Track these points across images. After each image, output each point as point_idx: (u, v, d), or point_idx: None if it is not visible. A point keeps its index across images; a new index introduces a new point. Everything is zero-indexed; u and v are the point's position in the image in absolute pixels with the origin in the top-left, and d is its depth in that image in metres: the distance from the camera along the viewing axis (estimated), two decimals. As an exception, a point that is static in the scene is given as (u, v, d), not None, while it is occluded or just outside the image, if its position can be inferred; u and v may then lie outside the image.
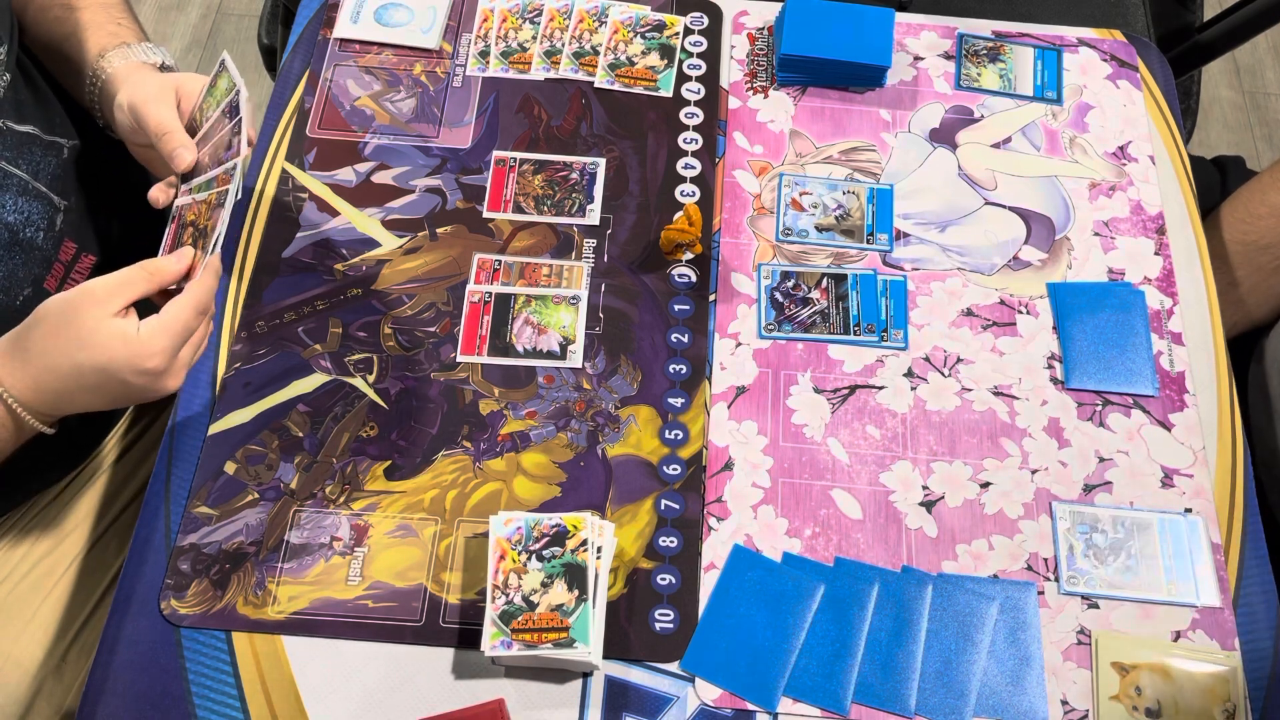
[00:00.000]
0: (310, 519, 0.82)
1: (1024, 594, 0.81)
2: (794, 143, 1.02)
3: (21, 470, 0.89)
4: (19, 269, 0.82)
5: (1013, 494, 0.85)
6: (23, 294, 0.82)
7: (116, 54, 0.88)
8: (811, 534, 0.83)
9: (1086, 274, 0.95)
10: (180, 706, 0.75)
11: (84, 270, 0.88)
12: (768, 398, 0.89)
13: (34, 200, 0.84)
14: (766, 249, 0.96)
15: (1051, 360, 0.91)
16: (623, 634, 0.79)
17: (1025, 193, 0.99)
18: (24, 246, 0.82)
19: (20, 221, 0.82)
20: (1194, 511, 0.84)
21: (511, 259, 0.94)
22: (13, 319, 0.79)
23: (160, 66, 0.90)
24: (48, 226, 0.85)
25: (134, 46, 0.90)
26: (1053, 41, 1.08)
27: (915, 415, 0.88)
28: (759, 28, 1.09)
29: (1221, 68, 2.11)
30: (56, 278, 0.86)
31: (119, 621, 0.78)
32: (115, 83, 0.86)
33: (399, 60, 1.05)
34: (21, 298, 0.82)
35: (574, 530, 0.76)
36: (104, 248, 0.92)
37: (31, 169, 0.84)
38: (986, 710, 0.77)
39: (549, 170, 0.99)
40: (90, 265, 0.89)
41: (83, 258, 0.89)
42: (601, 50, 1.05)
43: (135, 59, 0.89)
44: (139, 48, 0.90)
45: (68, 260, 0.87)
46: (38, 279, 0.83)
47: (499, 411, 0.87)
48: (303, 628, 0.78)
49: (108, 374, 0.71)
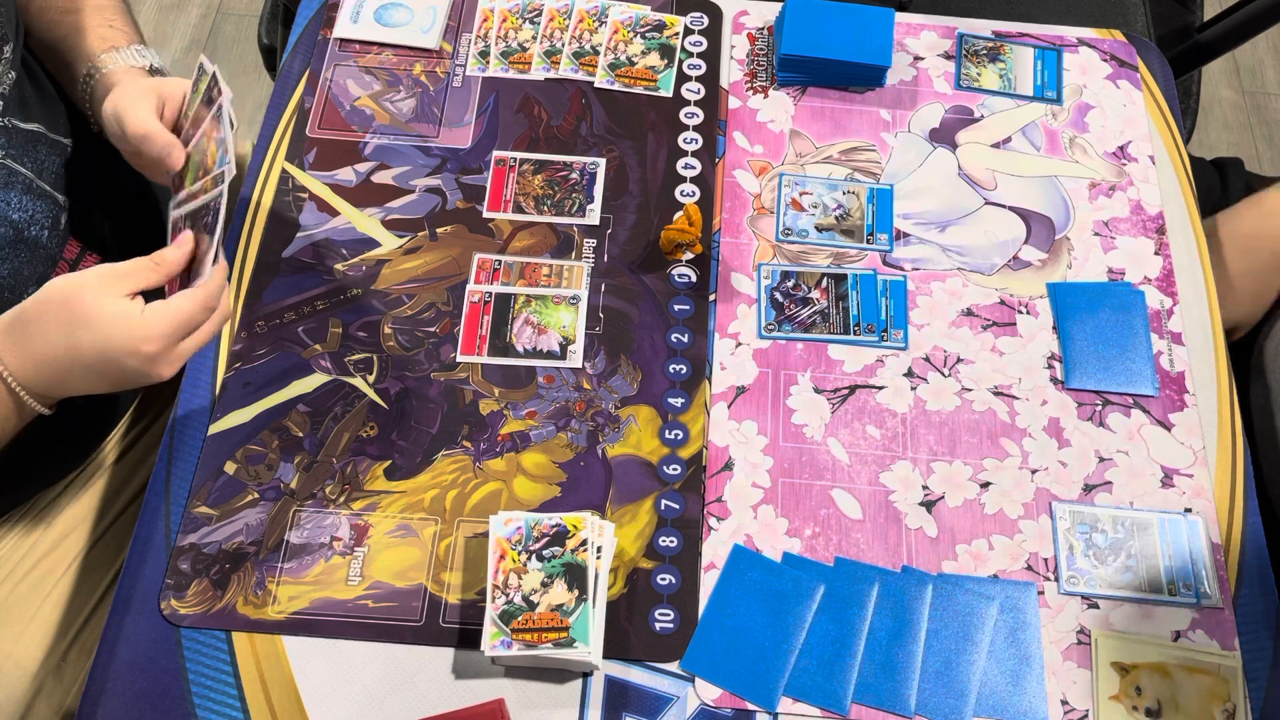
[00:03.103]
0: (310, 519, 0.82)
1: (1024, 594, 0.81)
2: (794, 143, 1.02)
3: (21, 470, 0.89)
4: (24, 267, 0.82)
5: (1013, 494, 0.85)
6: (27, 291, 0.82)
7: (107, 57, 0.88)
8: (811, 534, 0.83)
9: (1086, 274, 0.95)
10: (180, 706, 0.75)
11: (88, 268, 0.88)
12: (768, 398, 0.89)
13: (39, 199, 0.84)
14: (766, 249, 0.96)
15: (1051, 360, 0.91)
16: (623, 634, 0.79)
17: (1025, 193, 1.00)
18: (29, 244, 0.82)
19: (25, 220, 0.82)
20: (1194, 511, 0.84)
21: (511, 259, 0.94)
22: None
23: (150, 69, 0.90)
24: (52, 225, 0.85)
25: (124, 50, 0.89)
26: (1053, 41, 1.08)
27: (915, 415, 0.88)
28: (759, 28, 1.09)
29: (1221, 68, 2.11)
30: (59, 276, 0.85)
31: (119, 621, 0.78)
32: (104, 87, 0.86)
33: (399, 60, 1.05)
34: (26, 295, 0.82)
35: (574, 530, 0.76)
36: (108, 247, 0.92)
37: (36, 167, 0.84)
38: (986, 710, 0.77)
39: (549, 170, 0.99)
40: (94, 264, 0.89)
41: (87, 257, 0.89)
42: (601, 50, 1.05)
43: (124, 62, 0.88)
44: (129, 50, 0.89)
45: (72, 259, 0.87)
46: (42, 277, 0.83)
47: (499, 411, 0.87)
48: (303, 628, 0.78)
49: (105, 354, 0.71)
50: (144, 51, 0.90)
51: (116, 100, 0.82)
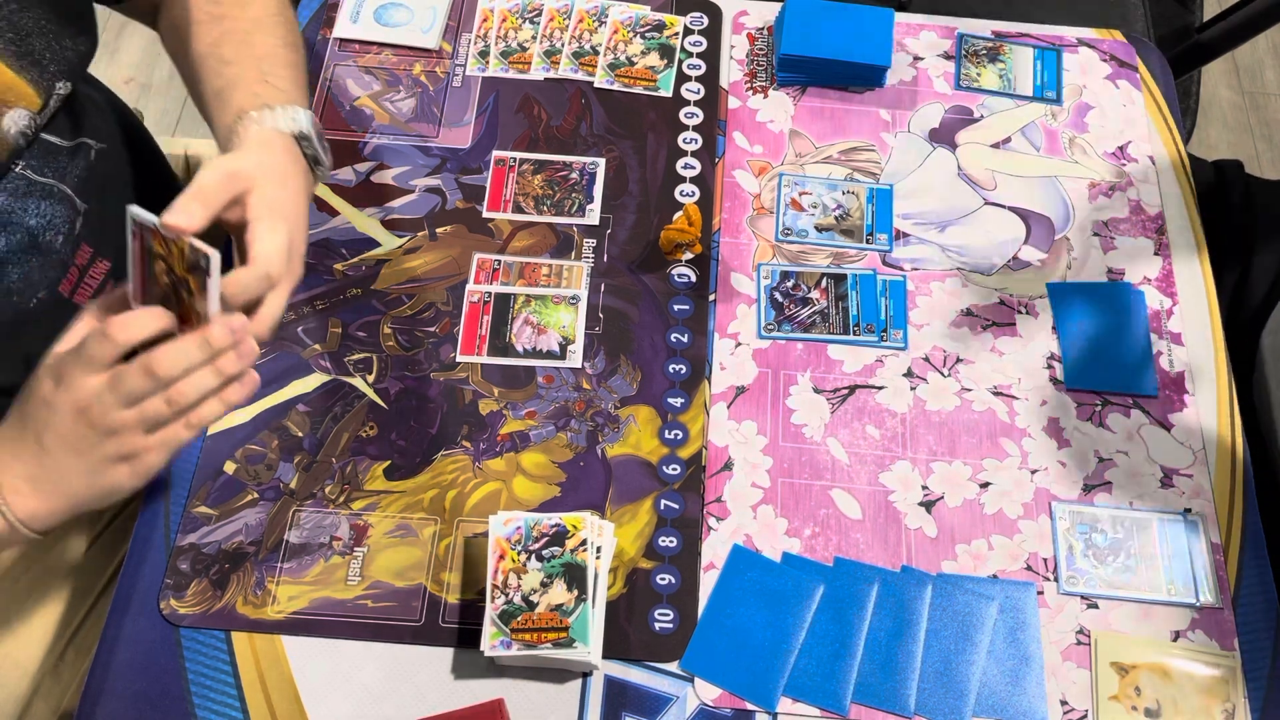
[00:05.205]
0: (310, 519, 0.82)
1: (1023, 594, 0.81)
2: (794, 143, 1.02)
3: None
4: (35, 272, 0.81)
5: (1012, 494, 0.85)
6: (37, 296, 0.81)
7: (254, 117, 0.80)
8: (811, 534, 0.83)
9: (1086, 274, 0.95)
10: (180, 706, 0.75)
11: (98, 275, 0.87)
12: (767, 398, 0.89)
13: (58, 203, 0.81)
14: (766, 249, 0.96)
15: (1051, 360, 0.91)
16: (622, 634, 0.79)
17: (1025, 193, 1.00)
18: (42, 250, 0.81)
19: (41, 225, 0.80)
20: (1193, 511, 0.84)
21: (511, 259, 0.94)
22: (27, 321, 0.79)
23: (298, 135, 0.82)
24: (68, 230, 0.83)
25: (275, 110, 0.80)
26: (1052, 41, 1.08)
27: (915, 415, 0.88)
28: (759, 28, 1.09)
29: (1221, 68, 2.11)
30: (71, 282, 0.84)
31: (119, 621, 0.78)
32: (238, 142, 0.79)
33: (399, 60, 1.05)
34: (36, 299, 0.81)
35: (573, 530, 0.76)
36: (119, 254, 0.90)
37: (59, 173, 0.82)
38: (986, 710, 0.77)
39: (549, 170, 0.99)
40: (105, 271, 0.87)
41: (98, 262, 0.87)
42: (601, 50, 1.05)
43: (269, 124, 0.79)
44: (280, 112, 0.80)
45: (83, 264, 0.85)
46: (53, 282, 0.82)
47: (498, 411, 0.87)
48: (302, 627, 0.78)
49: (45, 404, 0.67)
50: (297, 113, 0.82)
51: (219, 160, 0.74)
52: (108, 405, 0.67)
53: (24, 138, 0.77)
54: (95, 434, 0.68)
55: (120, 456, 0.69)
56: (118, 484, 0.71)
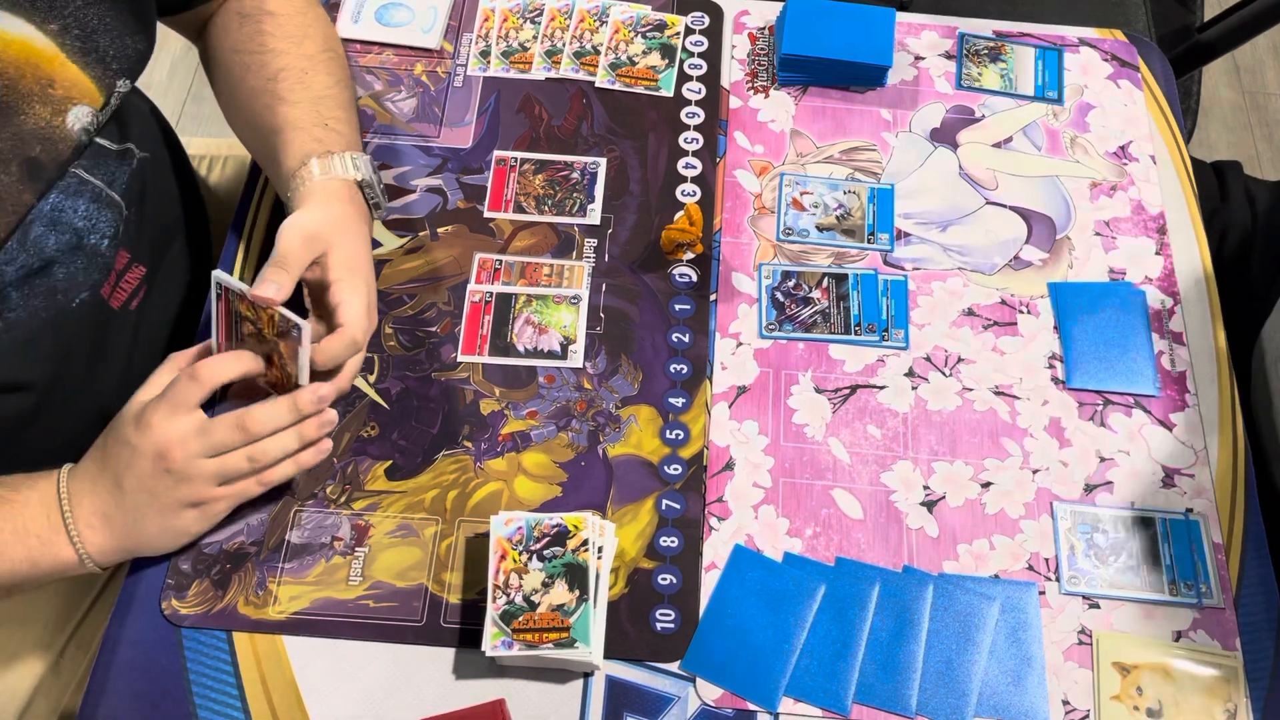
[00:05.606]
0: (311, 519, 0.82)
1: (1025, 594, 0.81)
2: (795, 142, 1.02)
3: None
4: (79, 273, 0.80)
5: (1014, 494, 0.85)
6: (80, 297, 0.80)
7: (317, 164, 0.83)
8: (812, 534, 0.83)
9: (1087, 274, 0.95)
10: (181, 706, 0.75)
11: (133, 280, 0.86)
12: (769, 397, 0.89)
13: (105, 207, 0.81)
14: (767, 248, 0.96)
15: (1052, 360, 0.91)
16: (623, 634, 0.79)
17: (1026, 192, 0.99)
18: (87, 251, 0.80)
19: (87, 227, 0.80)
20: (1195, 511, 0.84)
21: (512, 259, 0.94)
22: (69, 320, 0.79)
23: (361, 183, 0.86)
24: (113, 234, 0.82)
25: (336, 157, 0.84)
26: (1054, 41, 1.08)
27: (916, 415, 0.88)
28: (760, 27, 1.09)
29: (1221, 68, 2.11)
30: (110, 285, 0.84)
31: (120, 621, 0.78)
32: (303, 195, 0.82)
33: (400, 60, 1.05)
34: (78, 300, 0.80)
35: (575, 530, 0.76)
36: (154, 260, 0.89)
37: (107, 177, 0.82)
38: (988, 710, 0.77)
39: (550, 170, 0.99)
40: (140, 276, 0.87)
41: (134, 268, 0.86)
42: (602, 50, 1.05)
43: (334, 172, 0.83)
44: (342, 159, 0.84)
45: (121, 268, 0.84)
46: (95, 284, 0.81)
47: (500, 411, 0.87)
48: (303, 628, 0.78)
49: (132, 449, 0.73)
50: (358, 160, 0.85)
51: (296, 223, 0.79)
52: (191, 452, 0.73)
53: (86, 134, 0.77)
54: (172, 478, 0.74)
55: (192, 502, 0.75)
56: (186, 528, 0.77)
